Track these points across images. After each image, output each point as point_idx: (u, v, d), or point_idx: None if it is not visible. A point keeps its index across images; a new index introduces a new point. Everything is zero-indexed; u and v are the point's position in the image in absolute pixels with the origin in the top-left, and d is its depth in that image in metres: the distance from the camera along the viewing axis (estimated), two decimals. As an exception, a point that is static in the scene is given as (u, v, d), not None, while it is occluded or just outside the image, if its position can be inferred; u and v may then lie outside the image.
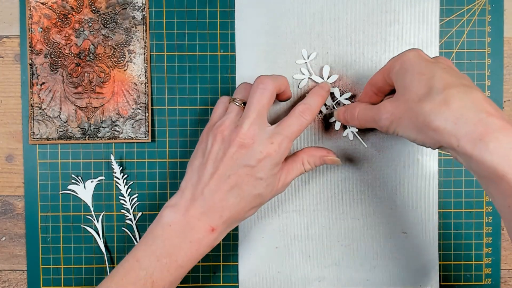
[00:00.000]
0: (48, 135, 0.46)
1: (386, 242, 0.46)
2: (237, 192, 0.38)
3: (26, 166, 0.46)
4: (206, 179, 0.38)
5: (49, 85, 0.45)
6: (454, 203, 0.47)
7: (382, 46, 0.46)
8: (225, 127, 0.38)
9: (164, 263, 0.37)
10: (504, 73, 0.46)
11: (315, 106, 0.40)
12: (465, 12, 0.46)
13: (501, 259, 0.47)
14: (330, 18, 0.46)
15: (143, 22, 0.46)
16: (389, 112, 0.36)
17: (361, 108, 0.40)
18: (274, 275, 0.47)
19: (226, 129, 0.38)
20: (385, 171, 0.46)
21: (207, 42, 0.46)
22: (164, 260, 0.37)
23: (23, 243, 0.47)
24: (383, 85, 0.39)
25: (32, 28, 0.45)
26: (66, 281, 0.47)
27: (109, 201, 0.47)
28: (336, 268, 0.47)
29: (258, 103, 0.38)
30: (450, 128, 0.32)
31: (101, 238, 0.47)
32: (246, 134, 0.37)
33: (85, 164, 0.46)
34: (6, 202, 0.47)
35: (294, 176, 0.41)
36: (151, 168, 0.47)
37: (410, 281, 0.47)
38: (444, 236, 0.47)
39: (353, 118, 0.41)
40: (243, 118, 0.38)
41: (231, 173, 0.37)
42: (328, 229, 0.47)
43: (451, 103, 0.32)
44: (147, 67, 0.46)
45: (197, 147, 0.40)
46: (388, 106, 0.36)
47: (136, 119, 0.46)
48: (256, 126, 0.38)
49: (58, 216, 0.46)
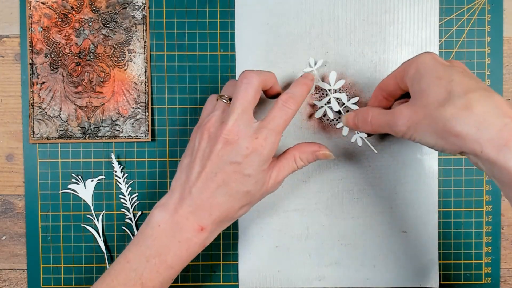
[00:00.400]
0: (48, 135, 0.46)
1: (386, 241, 0.46)
2: (225, 190, 0.37)
3: (26, 165, 0.46)
4: (193, 177, 0.37)
5: (49, 85, 0.46)
6: (454, 202, 0.47)
7: (382, 46, 0.46)
8: (211, 124, 0.38)
9: (153, 263, 0.36)
10: (503, 73, 0.46)
11: (299, 95, 0.39)
12: (465, 11, 0.46)
13: (501, 258, 0.47)
14: (330, 18, 0.46)
15: (143, 22, 0.46)
16: (406, 117, 0.35)
17: (374, 113, 0.39)
18: (274, 274, 0.47)
19: (212, 126, 0.38)
20: (385, 170, 0.46)
21: (207, 41, 0.46)
22: (153, 261, 0.36)
23: (23, 242, 0.47)
24: (394, 90, 0.39)
25: (32, 27, 0.45)
26: (66, 280, 0.47)
27: (109, 200, 0.47)
28: (336, 267, 0.47)
29: (242, 99, 0.37)
30: (473, 133, 0.31)
31: (101, 237, 0.47)
32: (230, 130, 0.36)
33: (85, 163, 0.46)
34: (6, 201, 0.47)
35: (287, 173, 0.40)
36: (151, 167, 0.47)
37: (410, 280, 0.47)
38: (444, 235, 0.47)
39: (365, 123, 0.40)
40: (228, 114, 0.37)
41: (218, 170, 0.37)
42: (328, 228, 0.47)
43: (473, 108, 0.31)
44: (147, 67, 0.46)
45: (187, 146, 0.40)
46: (405, 111, 0.35)
47: (136, 119, 0.46)
48: (241, 121, 0.37)
49: (58, 215, 0.47)
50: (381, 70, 0.46)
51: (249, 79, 0.37)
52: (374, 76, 0.46)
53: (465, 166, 0.47)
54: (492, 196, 0.47)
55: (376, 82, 0.45)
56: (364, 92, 0.46)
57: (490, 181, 0.47)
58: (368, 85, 0.46)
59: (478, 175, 0.47)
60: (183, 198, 0.37)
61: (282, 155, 0.40)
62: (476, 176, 0.47)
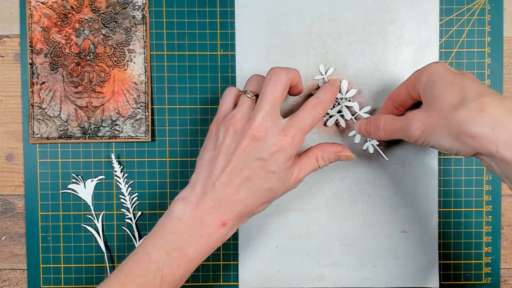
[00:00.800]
0: (48, 135, 0.46)
1: (386, 241, 0.46)
2: (248, 186, 0.37)
3: (26, 165, 0.46)
4: (217, 172, 0.37)
5: (49, 85, 0.46)
6: (454, 202, 0.47)
7: (382, 46, 0.46)
8: (236, 119, 0.38)
9: (174, 257, 0.36)
10: (503, 73, 0.46)
11: (327, 100, 0.40)
12: (464, 11, 0.46)
13: (501, 258, 0.47)
14: (330, 18, 0.46)
15: (143, 22, 0.46)
16: (420, 121, 0.36)
17: (386, 119, 0.39)
18: (274, 274, 0.47)
19: (238, 122, 0.38)
20: (385, 170, 0.46)
21: (207, 41, 0.46)
22: (174, 254, 0.37)
23: (23, 242, 0.47)
24: (406, 99, 0.39)
25: (32, 27, 0.45)
26: (66, 280, 0.47)
27: (109, 200, 0.47)
28: (336, 267, 0.47)
29: (271, 95, 0.37)
30: (488, 134, 0.32)
31: (101, 237, 0.47)
32: (259, 126, 0.37)
33: (85, 163, 0.46)
34: (6, 201, 0.47)
35: (308, 172, 0.41)
36: (151, 167, 0.47)
37: (410, 280, 0.47)
38: (444, 235, 0.47)
39: (378, 129, 0.40)
40: (256, 111, 0.37)
41: (243, 166, 0.37)
42: (328, 228, 0.47)
43: (487, 110, 0.32)
44: (147, 67, 0.46)
45: (206, 140, 0.40)
46: (419, 115, 0.36)
47: (136, 119, 0.46)
48: (269, 118, 0.37)
49: (58, 215, 0.47)
50: (381, 70, 0.46)
51: (278, 76, 0.38)
52: (374, 76, 0.46)
53: (465, 166, 0.47)
54: (492, 196, 0.47)
55: (376, 82, 0.46)
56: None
57: (490, 181, 0.47)
58: (368, 85, 0.46)
59: (478, 175, 0.47)
60: (205, 192, 0.37)
61: (304, 153, 0.41)
62: (476, 176, 0.47)
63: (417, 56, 0.46)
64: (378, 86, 0.46)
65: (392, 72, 0.46)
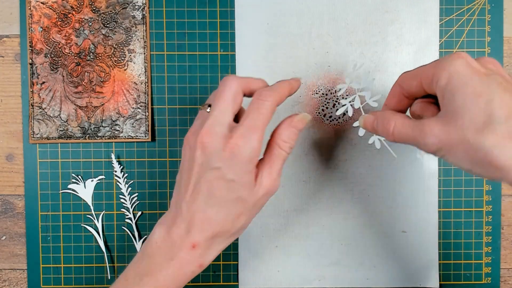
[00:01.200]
0: (48, 135, 0.46)
1: (386, 241, 0.46)
2: (212, 201, 0.34)
3: (26, 165, 0.46)
4: (183, 192, 0.35)
5: (49, 85, 0.46)
6: (454, 202, 0.47)
7: (382, 46, 0.46)
8: (190, 133, 0.36)
9: (145, 282, 0.35)
10: (503, 73, 0.46)
11: (276, 89, 0.36)
12: (464, 11, 0.46)
13: (501, 258, 0.47)
14: (330, 18, 0.46)
15: (143, 22, 0.46)
16: (436, 137, 0.31)
17: (398, 123, 0.34)
18: (274, 274, 0.47)
19: (192, 135, 0.35)
20: (385, 170, 0.46)
21: (207, 41, 0.46)
22: (146, 279, 0.35)
23: (23, 242, 0.47)
24: (417, 91, 0.35)
25: (32, 27, 0.45)
26: (66, 280, 0.47)
27: (109, 200, 0.47)
28: (336, 267, 0.47)
29: (218, 101, 0.35)
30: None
31: (101, 237, 0.47)
32: (205, 133, 0.34)
33: (85, 163, 0.46)
34: (6, 201, 0.47)
35: (279, 165, 0.36)
36: (151, 167, 0.47)
37: (410, 280, 0.47)
38: (444, 235, 0.47)
39: (387, 133, 0.35)
40: (205, 119, 0.35)
41: (201, 180, 0.34)
42: (328, 228, 0.47)
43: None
44: (147, 67, 0.46)
45: None
46: (435, 129, 0.31)
47: (136, 119, 0.46)
48: (216, 123, 0.34)
49: (58, 215, 0.47)
50: (381, 70, 0.46)
51: (226, 82, 0.35)
52: (374, 76, 0.46)
53: (465, 166, 0.47)
54: (492, 196, 0.47)
55: (376, 82, 0.46)
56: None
57: (490, 181, 0.47)
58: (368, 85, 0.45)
59: (478, 175, 0.47)
60: (176, 215, 0.35)
61: (266, 149, 0.37)
62: (476, 176, 0.47)
63: (417, 56, 0.46)
64: (378, 86, 0.46)
65: (392, 72, 0.46)
